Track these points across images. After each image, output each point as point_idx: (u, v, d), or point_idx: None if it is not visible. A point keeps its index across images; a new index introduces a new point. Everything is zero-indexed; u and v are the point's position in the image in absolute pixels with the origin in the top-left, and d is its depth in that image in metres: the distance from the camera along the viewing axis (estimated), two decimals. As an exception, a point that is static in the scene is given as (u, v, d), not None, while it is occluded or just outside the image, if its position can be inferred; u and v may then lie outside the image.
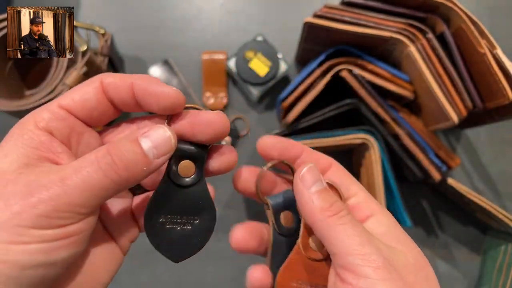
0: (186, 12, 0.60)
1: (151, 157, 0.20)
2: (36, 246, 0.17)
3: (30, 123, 0.20)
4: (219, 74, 0.57)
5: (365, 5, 0.43)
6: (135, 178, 0.19)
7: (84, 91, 0.21)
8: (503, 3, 0.59)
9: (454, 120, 0.42)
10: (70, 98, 0.21)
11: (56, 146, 0.20)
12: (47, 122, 0.20)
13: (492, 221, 0.52)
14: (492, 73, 0.39)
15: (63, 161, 0.20)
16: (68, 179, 0.18)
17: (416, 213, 0.57)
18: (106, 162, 0.18)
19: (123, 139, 0.20)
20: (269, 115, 0.59)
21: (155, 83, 0.21)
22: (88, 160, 0.18)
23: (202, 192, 0.23)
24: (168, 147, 0.20)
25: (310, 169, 0.23)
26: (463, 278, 0.57)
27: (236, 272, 0.56)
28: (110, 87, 0.21)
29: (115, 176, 0.18)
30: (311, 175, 0.23)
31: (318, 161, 0.25)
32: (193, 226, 0.23)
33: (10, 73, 0.50)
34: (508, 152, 0.58)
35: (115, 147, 0.19)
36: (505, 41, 0.57)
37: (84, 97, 0.21)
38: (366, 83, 0.45)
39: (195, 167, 0.22)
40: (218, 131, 0.22)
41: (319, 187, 0.22)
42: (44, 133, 0.20)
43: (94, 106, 0.21)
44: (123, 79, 0.21)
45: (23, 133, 0.19)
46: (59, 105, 0.21)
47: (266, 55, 0.54)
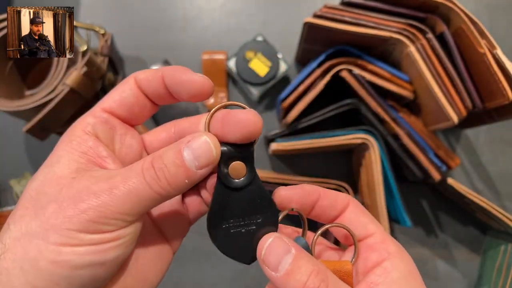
0: (186, 12, 0.60)
1: (193, 169, 0.20)
2: (85, 248, 0.18)
3: (78, 129, 0.21)
4: (219, 74, 0.57)
5: (365, 5, 0.43)
6: (177, 190, 0.20)
7: (121, 90, 0.22)
8: (503, 2, 0.59)
9: (453, 120, 0.42)
10: (110, 99, 0.22)
11: (102, 150, 0.21)
12: (93, 126, 0.21)
13: (491, 221, 0.52)
14: (492, 73, 0.39)
15: (109, 165, 0.21)
16: (116, 189, 0.18)
17: (416, 213, 0.57)
18: (150, 175, 0.19)
19: (167, 150, 0.20)
20: (269, 115, 0.59)
21: (183, 72, 0.21)
22: (135, 171, 0.19)
23: (258, 190, 0.22)
24: (209, 158, 0.20)
25: (270, 246, 0.21)
26: (463, 278, 0.57)
27: (235, 272, 0.56)
28: (143, 82, 0.22)
29: (159, 189, 0.19)
30: (274, 253, 0.20)
31: (336, 201, 0.24)
32: (257, 225, 0.22)
33: (10, 73, 0.50)
34: (508, 152, 0.58)
35: (159, 160, 0.19)
36: (505, 41, 0.58)
37: (122, 96, 0.22)
38: (366, 83, 0.45)
39: (245, 167, 0.22)
40: (247, 130, 0.21)
41: (287, 263, 0.20)
42: (91, 138, 0.21)
43: (133, 102, 0.22)
44: (154, 73, 0.22)
45: (72, 139, 0.20)
46: (101, 108, 0.22)
47: (266, 55, 0.54)
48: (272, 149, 0.49)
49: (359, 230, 0.23)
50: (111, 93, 0.22)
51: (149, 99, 0.23)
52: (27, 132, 0.44)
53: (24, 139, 0.58)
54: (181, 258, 0.56)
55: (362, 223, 0.23)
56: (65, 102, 0.45)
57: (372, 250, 0.23)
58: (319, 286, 0.19)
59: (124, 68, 0.59)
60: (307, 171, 0.58)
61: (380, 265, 0.22)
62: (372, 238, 0.23)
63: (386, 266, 0.22)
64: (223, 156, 0.21)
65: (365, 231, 0.23)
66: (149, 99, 0.23)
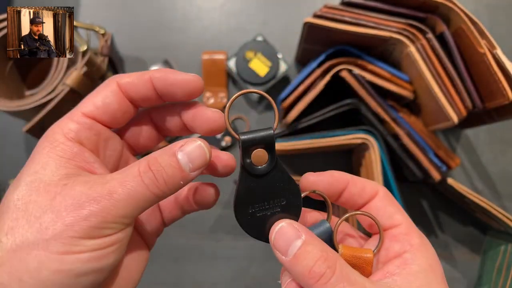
0: (186, 12, 0.60)
1: (187, 171, 0.21)
2: (88, 254, 0.18)
3: (59, 135, 0.20)
4: (219, 74, 0.57)
5: (365, 5, 0.43)
6: (173, 190, 0.21)
7: (104, 95, 0.22)
8: (503, 2, 0.59)
9: (453, 120, 0.42)
10: (92, 105, 0.22)
11: (88, 156, 0.21)
12: (76, 133, 0.21)
13: (492, 221, 0.52)
14: (492, 73, 0.39)
15: (97, 170, 0.21)
16: (115, 193, 0.19)
17: (416, 213, 0.57)
18: (148, 177, 0.19)
19: (162, 153, 0.21)
20: (269, 115, 0.59)
21: (173, 73, 0.22)
22: (132, 173, 0.20)
23: (281, 175, 0.23)
24: (203, 161, 0.21)
25: (280, 231, 0.21)
26: (463, 278, 0.57)
27: (235, 272, 0.56)
28: (129, 86, 0.22)
29: (157, 190, 0.20)
30: (283, 238, 0.21)
31: (364, 189, 0.24)
32: (282, 207, 0.23)
33: (10, 73, 0.50)
34: (507, 152, 0.58)
35: (156, 163, 0.20)
36: (505, 41, 0.58)
37: (105, 101, 0.22)
38: (366, 83, 0.45)
39: (267, 153, 0.22)
40: (213, 127, 0.23)
41: (296, 248, 0.20)
42: (75, 144, 0.21)
43: (116, 108, 0.22)
44: (140, 76, 0.22)
45: (55, 145, 0.20)
46: (83, 113, 0.21)
47: (266, 55, 0.54)
48: (272, 149, 0.49)
49: (385, 220, 0.23)
50: (92, 98, 0.22)
51: (132, 103, 0.23)
52: (27, 132, 0.44)
53: (24, 139, 0.58)
54: (181, 258, 0.56)
55: (389, 212, 0.23)
56: (65, 102, 0.45)
57: (395, 240, 0.23)
58: (325, 272, 0.20)
59: (124, 68, 0.59)
60: (307, 171, 0.57)
61: (401, 256, 0.22)
62: (397, 228, 0.23)
63: (406, 257, 0.22)
64: (245, 144, 0.22)
65: (391, 221, 0.23)
66: (133, 103, 0.23)
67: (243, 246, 0.56)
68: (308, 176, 0.24)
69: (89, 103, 0.22)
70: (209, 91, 0.58)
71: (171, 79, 0.22)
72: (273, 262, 0.25)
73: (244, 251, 0.56)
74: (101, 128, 0.22)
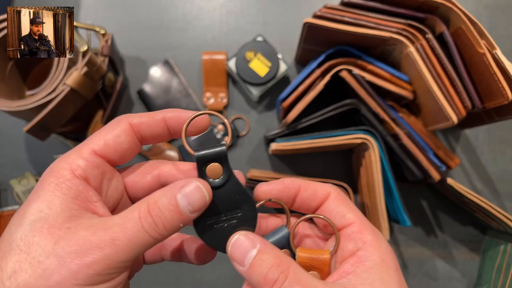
0: (186, 12, 0.60)
1: (187, 214, 0.21)
2: None
3: (66, 171, 0.21)
4: (219, 74, 0.57)
5: (365, 5, 0.43)
6: (171, 233, 0.21)
7: (116, 134, 0.22)
8: (503, 3, 0.59)
9: (453, 120, 0.42)
10: (102, 142, 0.22)
11: (92, 195, 0.21)
12: (84, 170, 0.21)
13: (491, 221, 0.52)
14: (491, 73, 0.39)
15: (99, 210, 0.21)
16: (117, 240, 0.19)
17: (415, 212, 0.58)
18: (148, 223, 0.20)
19: (162, 196, 0.21)
20: (269, 115, 0.59)
21: (185, 113, 0.23)
22: (132, 219, 0.20)
23: (235, 187, 0.24)
24: (202, 203, 0.21)
25: (236, 243, 0.22)
26: (462, 278, 0.57)
27: (235, 272, 0.56)
28: (142, 126, 0.23)
29: (156, 234, 0.20)
30: (239, 250, 0.22)
31: (315, 193, 0.25)
32: (238, 219, 0.24)
33: (11, 73, 0.50)
34: (507, 152, 0.58)
35: (155, 207, 0.20)
36: (504, 41, 0.58)
37: (117, 141, 0.22)
38: (365, 83, 0.45)
39: (221, 167, 0.23)
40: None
41: (250, 258, 0.21)
42: (81, 182, 0.21)
43: (126, 148, 0.23)
44: (152, 116, 0.23)
45: (61, 182, 0.20)
46: (93, 151, 0.22)
47: (266, 56, 0.54)
48: (272, 149, 0.49)
49: (338, 220, 0.24)
50: (103, 135, 0.22)
51: (142, 141, 0.24)
52: (28, 132, 0.44)
53: (24, 139, 0.58)
54: (181, 258, 0.56)
55: (341, 212, 0.24)
56: (65, 102, 0.45)
57: (349, 239, 0.23)
58: (278, 277, 0.20)
59: (125, 68, 0.59)
60: (307, 171, 0.58)
61: (355, 254, 0.22)
62: (350, 227, 0.24)
63: (360, 255, 0.22)
64: (199, 159, 0.23)
65: (344, 220, 0.24)
66: (142, 141, 0.24)
67: (243, 246, 0.56)
68: (261, 186, 0.25)
69: (100, 140, 0.22)
70: (209, 91, 0.58)
71: (184, 118, 0.23)
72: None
73: (244, 251, 0.56)
74: (108, 167, 0.22)
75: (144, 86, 0.58)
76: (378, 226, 0.47)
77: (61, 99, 0.44)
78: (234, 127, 0.58)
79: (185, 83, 0.59)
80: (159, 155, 0.56)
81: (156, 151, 0.56)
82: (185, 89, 0.58)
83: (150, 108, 0.58)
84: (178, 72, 0.59)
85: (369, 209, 0.50)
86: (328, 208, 0.24)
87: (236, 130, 0.58)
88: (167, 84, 0.58)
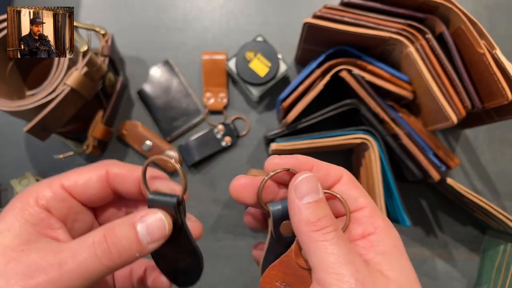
0: (186, 12, 0.60)
1: (144, 244, 0.21)
2: None
3: (32, 199, 0.21)
4: (219, 74, 0.57)
5: (365, 5, 0.43)
6: (127, 263, 0.20)
7: (89, 177, 0.22)
8: (502, 3, 0.59)
9: (453, 120, 0.42)
10: (73, 181, 0.22)
11: (53, 222, 0.21)
12: (48, 200, 0.21)
13: (491, 221, 0.52)
14: (491, 73, 0.39)
15: (60, 236, 0.21)
16: (65, 264, 0.19)
17: (415, 212, 0.58)
18: (102, 250, 0.19)
19: (121, 224, 0.21)
20: (269, 115, 0.59)
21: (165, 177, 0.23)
22: (86, 244, 0.20)
23: (184, 240, 0.24)
24: (161, 234, 0.21)
25: (306, 179, 0.22)
26: (462, 277, 0.57)
27: (236, 272, 0.56)
28: (117, 178, 0.23)
29: (109, 262, 0.20)
30: (307, 185, 0.22)
31: (328, 173, 0.24)
32: (188, 264, 0.25)
33: (11, 74, 0.50)
34: (507, 152, 0.58)
35: (112, 234, 0.20)
36: (504, 41, 0.58)
37: (87, 183, 0.22)
38: (365, 83, 0.45)
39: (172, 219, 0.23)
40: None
41: (312, 198, 0.22)
42: (43, 211, 0.21)
43: (95, 193, 0.23)
44: (131, 171, 0.23)
45: (24, 208, 0.21)
46: (61, 185, 0.22)
47: (266, 56, 0.54)
48: (272, 149, 0.49)
49: (349, 203, 0.24)
50: (77, 174, 0.22)
51: (114, 192, 0.23)
52: (28, 132, 0.44)
53: (24, 139, 0.58)
54: (181, 258, 0.56)
55: (353, 196, 0.24)
56: (65, 102, 0.45)
57: (358, 223, 0.23)
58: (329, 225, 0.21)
59: (125, 68, 0.59)
60: (307, 171, 0.58)
61: (366, 238, 0.23)
62: (361, 211, 0.24)
63: (371, 239, 0.22)
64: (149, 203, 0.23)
65: (355, 204, 0.24)
66: (114, 192, 0.23)
67: (243, 246, 0.56)
68: (273, 159, 0.24)
69: (72, 177, 0.22)
70: (209, 92, 0.58)
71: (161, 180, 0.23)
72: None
73: (244, 251, 0.56)
74: (74, 202, 0.23)
75: (144, 86, 0.58)
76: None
77: (61, 99, 0.44)
78: (234, 127, 0.58)
79: (185, 83, 0.59)
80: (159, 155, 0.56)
81: (156, 151, 0.56)
82: (185, 89, 0.58)
83: (150, 108, 0.58)
84: (178, 72, 0.59)
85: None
86: (340, 190, 0.24)
87: (236, 130, 0.58)
88: (167, 84, 0.58)
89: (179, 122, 0.58)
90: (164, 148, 0.56)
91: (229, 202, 0.57)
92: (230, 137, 0.57)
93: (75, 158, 0.58)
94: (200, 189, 0.58)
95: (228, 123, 0.58)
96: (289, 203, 0.22)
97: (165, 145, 0.57)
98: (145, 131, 0.57)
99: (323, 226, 0.21)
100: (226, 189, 0.57)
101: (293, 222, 0.22)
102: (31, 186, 0.22)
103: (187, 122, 0.58)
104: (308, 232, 0.21)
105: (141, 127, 0.57)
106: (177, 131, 0.58)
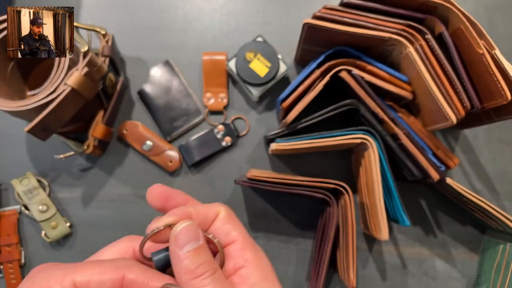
0: (186, 13, 0.60)
1: None
2: None
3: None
4: (219, 74, 0.58)
5: (364, 6, 0.43)
6: None
7: (102, 280, 0.22)
8: (502, 3, 0.59)
9: (452, 120, 0.42)
10: (87, 280, 0.22)
11: None
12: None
13: (490, 221, 0.52)
14: (490, 73, 0.40)
15: None
16: None
17: (414, 212, 0.58)
18: None
19: None
20: (269, 115, 0.59)
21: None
22: None
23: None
24: None
25: (185, 228, 0.23)
26: (462, 277, 0.57)
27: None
28: (132, 286, 0.22)
29: None
30: (186, 234, 0.23)
31: (206, 215, 0.25)
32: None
33: (12, 74, 0.50)
34: (506, 152, 0.58)
35: None
36: (503, 41, 0.58)
37: (100, 287, 0.22)
38: (365, 83, 0.45)
39: None
40: None
41: (192, 246, 0.22)
42: None
43: None
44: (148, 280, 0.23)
45: None
46: (73, 283, 0.22)
47: (266, 56, 0.54)
48: (272, 149, 0.49)
49: (223, 237, 0.25)
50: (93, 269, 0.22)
51: None
52: (29, 132, 0.45)
53: (25, 139, 0.58)
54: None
55: (226, 230, 0.25)
56: (66, 102, 0.45)
57: (230, 258, 0.24)
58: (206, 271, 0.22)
59: (125, 68, 0.59)
60: (307, 171, 0.58)
61: (237, 273, 0.23)
62: (233, 245, 0.25)
63: (242, 274, 0.23)
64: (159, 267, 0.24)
65: (228, 239, 0.25)
66: None
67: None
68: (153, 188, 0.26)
69: (87, 274, 0.22)
70: (209, 92, 0.58)
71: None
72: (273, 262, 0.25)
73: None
74: None
75: (144, 87, 0.58)
76: (377, 225, 0.47)
77: (62, 99, 0.44)
78: (234, 127, 0.58)
79: (186, 84, 0.59)
80: (159, 155, 0.56)
81: (156, 151, 0.56)
82: (185, 89, 0.59)
83: (150, 108, 0.58)
84: (179, 73, 0.59)
85: (369, 209, 0.51)
86: (216, 227, 0.25)
87: (236, 130, 0.58)
88: (167, 84, 0.58)
89: (179, 122, 0.58)
90: (165, 148, 0.57)
91: (229, 202, 0.57)
92: (230, 137, 0.57)
93: (75, 158, 0.58)
94: (200, 189, 0.58)
95: (228, 123, 0.58)
96: (170, 253, 0.23)
97: (166, 145, 0.57)
98: (145, 131, 0.57)
99: (201, 273, 0.22)
100: (226, 189, 0.57)
101: (175, 272, 0.23)
102: (46, 274, 0.22)
103: (187, 122, 0.58)
104: (188, 281, 0.22)
105: (141, 127, 0.57)
106: (178, 131, 0.58)
